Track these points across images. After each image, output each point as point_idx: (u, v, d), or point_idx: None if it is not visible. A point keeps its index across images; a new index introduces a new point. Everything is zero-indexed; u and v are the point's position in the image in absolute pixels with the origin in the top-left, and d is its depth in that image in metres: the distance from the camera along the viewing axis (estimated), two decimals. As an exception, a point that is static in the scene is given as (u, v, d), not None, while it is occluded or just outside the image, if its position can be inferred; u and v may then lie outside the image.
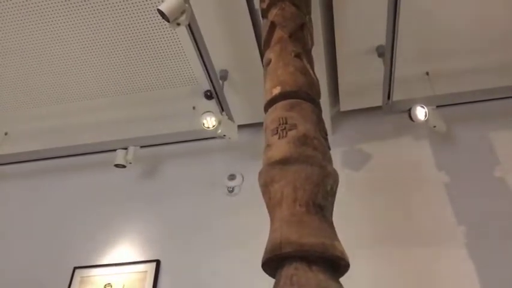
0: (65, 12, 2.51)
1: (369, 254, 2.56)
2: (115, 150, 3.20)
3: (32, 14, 2.52)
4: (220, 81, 2.84)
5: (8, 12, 2.51)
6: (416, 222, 2.67)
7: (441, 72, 2.91)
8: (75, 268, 2.99)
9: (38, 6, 2.47)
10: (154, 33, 2.65)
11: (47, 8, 2.48)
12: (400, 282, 2.48)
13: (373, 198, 2.83)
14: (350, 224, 2.52)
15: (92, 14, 2.52)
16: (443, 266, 2.48)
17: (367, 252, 2.54)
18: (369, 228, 2.69)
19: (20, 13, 2.51)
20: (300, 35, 1.64)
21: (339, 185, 1.25)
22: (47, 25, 2.59)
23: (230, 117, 2.94)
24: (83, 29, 2.62)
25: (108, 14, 2.53)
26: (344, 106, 3.21)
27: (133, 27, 2.61)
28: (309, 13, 1.87)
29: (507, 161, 2.80)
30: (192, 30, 2.31)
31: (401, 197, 2.80)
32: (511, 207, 2.62)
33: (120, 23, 2.58)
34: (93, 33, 2.65)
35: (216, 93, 2.81)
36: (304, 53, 1.58)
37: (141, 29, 2.62)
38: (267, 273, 1.13)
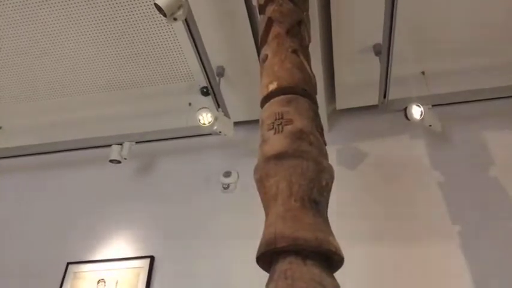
0: (62, 7, 2.49)
1: (363, 251, 2.56)
2: (110, 145, 3.19)
3: (30, 9, 2.50)
4: (217, 78, 2.83)
5: (4, 7, 2.49)
6: (410, 220, 2.68)
7: (437, 71, 2.92)
8: (68, 263, 2.98)
9: (35, 0, 2.45)
10: (151, 28, 2.64)
11: (44, 2, 2.46)
12: (393, 279, 2.49)
13: (368, 196, 2.84)
14: (344, 222, 2.52)
15: (89, 8, 2.51)
16: (437, 264, 2.49)
17: (361, 250, 2.55)
18: (363, 226, 2.69)
19: (17, 8, 2.49)
20: (297, 31, 1.64)
21: (333, 182, 1.25)
22: (44, 20, 2.57)
23: (226, 114, 2.94)
24: (79, 24, 2.60)
25: (104, 9, 2.51)
26: (340, 104, 3.22)
27: (129, 22, 2.60)
28: (307, 10, 1.87)
29: (501, 160, 2.81)
30: (189, 25, 2.31)
31: (396, 195, 2.81)
32: (506, 206, 2.63)
33: (116, 17, 2.57)
34: (89, 28, 2.63)
35: (212, 89, 2.81)
36: (301, 49, 1.58)
37: (137, 24, 2.61)
38: (261, 267, 1.13)
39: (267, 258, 1.08)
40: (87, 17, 2.56)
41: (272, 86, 1.42)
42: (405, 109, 2.79)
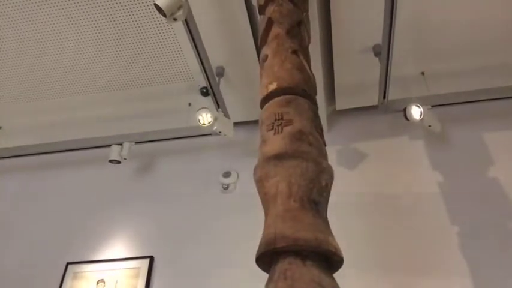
0: (62, 7, 2.49)
1: (362, 252, 2.57)
2: (110, 145, 3.19)
3: (30, 9, 2.50)
4: (217, 78, 2.83)
5: (5, 7, 2.49)
6: (410, 220, 2.68)
7: (436, 72, 2.92)
8: (68, 264, 2.98)
9: (35, 0, 2.45)
10: (150, 28, 2.64)
11: (44, 2, 2.46)
12: (392, 279, 2.49)
13: (367, 196, 2.84)
14: (343, 223, 2.53)
15: (89, 8, 2.51)
16: (436, 264, 2.50)
17: (360, 251, 2.55)
18: (362, 226, 2.70)
19: (17, 8, 2.49)
20: (296, 31, 1.65)
21: (333, 183, 1.26)
22: (44, 20, 2.57)
23: (226, 114, 2.94)
24: (79, 24, 2.60)
25: (104, 9, 2.51)
26: (340, 105, 3.22)
27: (129, 22, 2.60)
28: (306, 10, 1.88)
29: (501, 161, 2.82)
30: (189, 25, 2.31)
31: (395, 196, 2.81)
32: (505, 207, 2.64)
33: (116, 18, 2.57)
34: (89, 28, 2.63)
35: (212, 89, 2.81)
36: (301, 49, 1.58)
37: (137, 24, 2.61)
38: (261, 268, 1.13)
39: (266, 258, 1.08)
40: (87, 17, 2.56)
41: (272, 86, 1.42)
42: (405, 109, 2.79)
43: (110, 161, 3.13)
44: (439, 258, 2.52)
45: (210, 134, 3.03)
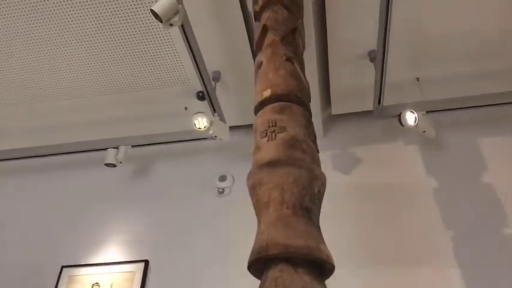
0: (59, 11, 2.50)
1: (357, 256, 2.57)
2: (106, 149, 3.19)
3: (25, 11, 2.50)
4: (213, 82, 2.84)
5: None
6: (404, 226, 2.69)
7: (431, 78, 2.94)
8: (62, 267, 2.98)
9: (31, 2, 2.46)
10: (147, 33, 2.64)
11: (40, 4, 2.47)
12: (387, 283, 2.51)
13: (362, 201, 2.85)
14: (338, 227, 2.54)
15: (86, 13, 2.51)
16: (430, 271, 2.51)
17: (355, 255, 2.56)
18: (357, 231, 2.70)
19: (13, 11, 2.49)
20: (291, 38, 1.66)
21: (328, 188, 1.27)
22: (39, 23, 2.57)
23: (222, 118, 2.95)
24: (75, 27, 2.60)
25: (100, 13, 2.52)
26: (335, 110, 3.24)
27: (126, 27, 2.60)
28: (301, 17, 1.88)
29: (495, 167, 2.83)
30: (185, 31, 2.32)
31: (390, 201, 2.82)
32: (498, 211, 2.65)
33: (113, 22, 2.57)
34: (86, 32, 2.64)
35: (208, 94, 2.82)
36: (295, 57, 1.59)
37: (134, 28, 2.61)
38: (253, 275, 1.14)
39: (258, 265, 1.09)
40: (85, 21, 2.56)
41: (266, 93, 1.43)
42: (399, 115, 2.80)
43: (106, 164, 3.14)
44: (435, 261, 2.53)
45: (206, 138, 3.03)
